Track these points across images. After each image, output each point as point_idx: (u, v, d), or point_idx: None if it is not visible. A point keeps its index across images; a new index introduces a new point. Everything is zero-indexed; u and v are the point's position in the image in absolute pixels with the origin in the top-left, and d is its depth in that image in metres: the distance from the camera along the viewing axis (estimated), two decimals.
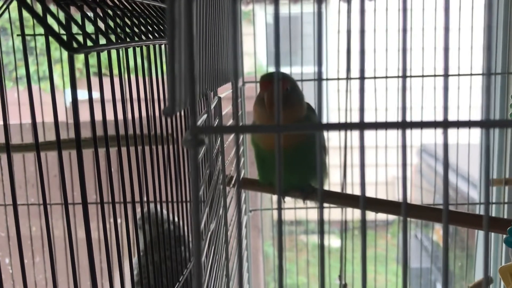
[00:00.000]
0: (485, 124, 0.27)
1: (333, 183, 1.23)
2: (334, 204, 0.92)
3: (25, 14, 0.48)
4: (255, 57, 1.30)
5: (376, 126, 0.29)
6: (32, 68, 1.46)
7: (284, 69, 1.33)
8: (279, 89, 0.31)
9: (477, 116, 1.31)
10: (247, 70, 1.88)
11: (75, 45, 0.36)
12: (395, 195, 2.02)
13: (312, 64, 1.34)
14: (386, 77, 1.23)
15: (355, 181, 1.28)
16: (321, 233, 0.37)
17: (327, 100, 1.50)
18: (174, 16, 0.26)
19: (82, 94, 0.54)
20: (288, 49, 1.33)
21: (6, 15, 1.02)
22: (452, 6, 1.19)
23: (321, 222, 0.37)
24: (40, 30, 1.30)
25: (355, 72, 1.23)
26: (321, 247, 0.36)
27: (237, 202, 0.30)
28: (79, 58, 2.09)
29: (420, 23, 1.21)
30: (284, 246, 1.82)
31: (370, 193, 1.23)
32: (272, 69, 1.69)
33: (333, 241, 2.68)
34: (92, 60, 0.47)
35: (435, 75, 1.22)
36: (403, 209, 0.35)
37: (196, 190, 0.28)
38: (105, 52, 0.46)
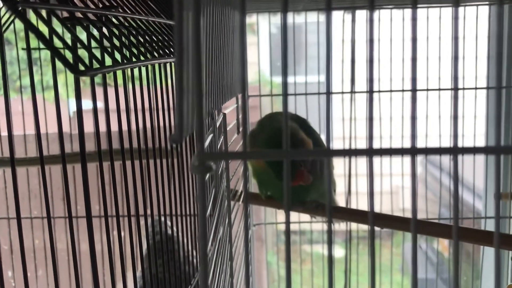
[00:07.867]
0: (497, 150, 0.27)
1: (337, 192, 1.22)
2: (342, 219, 0.90)
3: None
4: (259, 67, 1.30)
5: (385, 152, 0.28)
6: (36, 78, 1.46)
7: (288, 79, 1.32)
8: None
9: (479, 127, 1.29)
10: (250, 80, 1.88)
11: (81, 67, 0.35)
12: (399, 205, 2.01)
13: (316, 74, 1.34)
14: (391, 90, 1.22)
15: (360, 190, 1.27)
16: (330, 249, 0.37)
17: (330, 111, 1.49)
18: (182, 38, 0.26)
19: (86, 104, 0.53)
20: (291, 58, 1.32)
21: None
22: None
23: (329, 240, 0.37)
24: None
25: (359, 84, 1.22)
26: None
27: (245, 228, 0.30)
28: None
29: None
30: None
31: (375, 202, 1.21)
32: (275, 78, 1.69)
33: (337, 251, 2.66)
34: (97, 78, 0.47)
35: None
36: (412, 225, 0.35)
37: (204, 215, 0.27)
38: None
